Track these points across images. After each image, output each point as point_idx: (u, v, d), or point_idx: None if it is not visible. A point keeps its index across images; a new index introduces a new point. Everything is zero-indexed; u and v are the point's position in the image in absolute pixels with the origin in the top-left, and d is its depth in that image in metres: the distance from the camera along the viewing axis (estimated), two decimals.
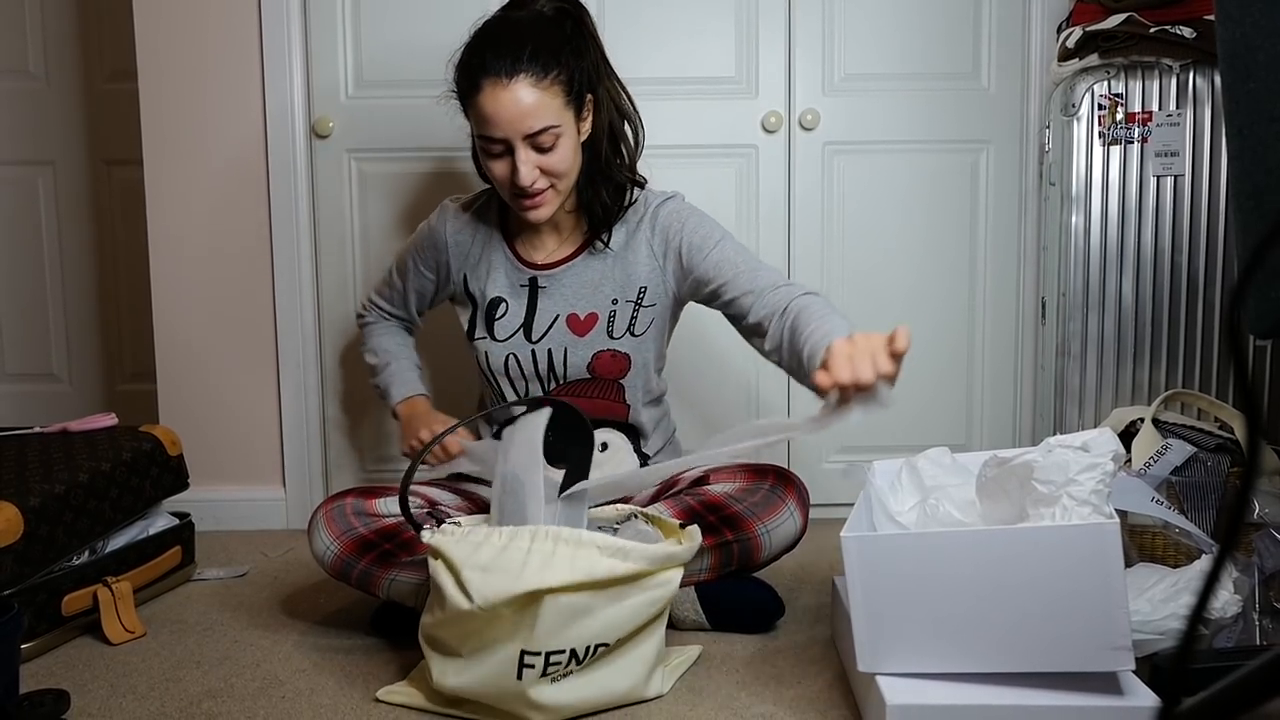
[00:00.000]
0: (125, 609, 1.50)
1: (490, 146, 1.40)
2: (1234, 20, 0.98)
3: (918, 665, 1.12)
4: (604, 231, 1.52)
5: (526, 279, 1.54)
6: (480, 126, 1.40)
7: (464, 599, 1.13)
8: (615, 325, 1.52)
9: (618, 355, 1.53)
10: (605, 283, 1.52)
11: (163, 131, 1.99)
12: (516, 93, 1.36)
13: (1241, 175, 1.00)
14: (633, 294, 1.52)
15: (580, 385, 1.55)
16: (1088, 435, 1.14)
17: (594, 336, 1.53)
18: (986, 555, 1.08)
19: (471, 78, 1.39)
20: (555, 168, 1.41)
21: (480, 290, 1.56)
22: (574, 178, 1.46)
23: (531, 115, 1.37)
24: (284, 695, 1.28)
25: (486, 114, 1.38)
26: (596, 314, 1.52)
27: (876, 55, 1.99)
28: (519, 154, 1.39)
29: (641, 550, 1.16)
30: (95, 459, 1.58)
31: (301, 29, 1.98)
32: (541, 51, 1.37)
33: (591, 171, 1.48)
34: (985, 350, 2.05)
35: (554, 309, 1.53)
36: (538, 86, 1.37)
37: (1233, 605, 1.21)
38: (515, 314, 1.54)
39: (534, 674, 1.15)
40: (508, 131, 1.38)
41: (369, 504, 1.47)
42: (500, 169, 1.41)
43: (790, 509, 1.44)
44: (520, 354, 1.54)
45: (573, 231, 1.55)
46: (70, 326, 2.58)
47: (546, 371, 1.54)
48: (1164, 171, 1.79)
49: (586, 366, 1.53)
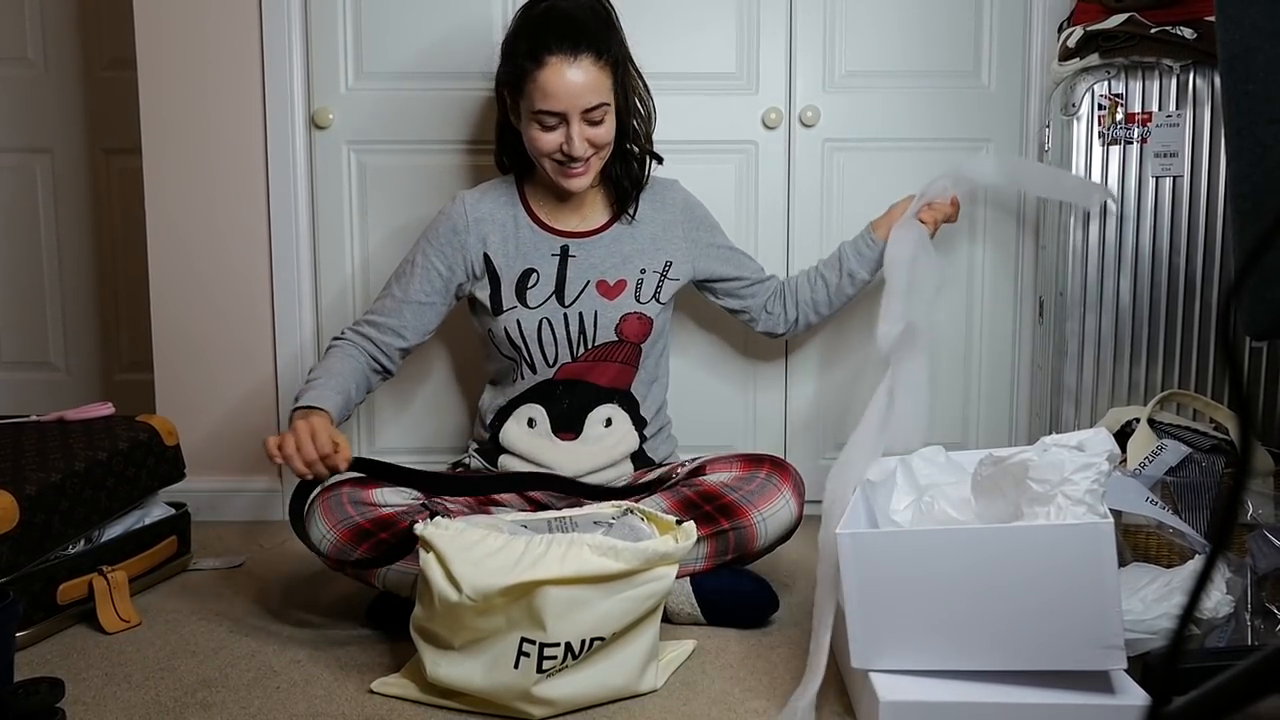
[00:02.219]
0: (121, 598, 1.50)
1: (546, 119, 1.52)
2: (1234, 22, 0.98)
3: (912, 662, 1.12)
4: (630, 203, 1.66)
5: (558, 247, 1.64)
6: (539, 100, 1.50)
7: (453, 590, 1.13)
8: (642, 291, 1.64)
9: (644, 318, 1.63)
10: (636, 254, 1.65)
11: (162, 120, 1.98)
12: (580, 70, 1.50)
13: (1240, 176, 1.00)
14: (659, 265, 1.66)
15: (607, 349, 1.62)
16: (1083, 435, 1.14)
17: (622, 299, 1.63)
18: (981, 553, 1.08)
19: (536, 55, 1.50)
20: (601, 140, 1.55)
21: (507, 264, 1.62)
22: (610, 150, 1.59)
23: (591, 91, 1.51)
24: (279, 686, 1.28)
25: (550, 88, 1.49)
26: (625, 280, 1.64)
27: (877, 52, 1.99)
28: (573, 127, 1.51)
29: (633, 550, 1.17)
30: (92, 448, 1.58)
31: (302, 19, 1.97)
32: (599, 34, 1.53)
33: (618, 146, 1.62)
34: (982, 349, 2.05)
35: (584, 275, 1.63)
36: (595, 65, 1.51)
37: (1225, 605, 1.21)
38: (546, 281, 1.62)
39: (530, 663, 1.15)
40: (567, 106, 1.50)
41: (366, 493, 1.47)
42: (551, 140, 1.53)
43: (786, 497, 1.45)
44: (553, 318, 1.61)
45: (595, 204, 1.67)
46: (68, 315, 2.58)
47: (578, 334, 1.61)
48: (1163, 172, 1.79)
49: (614, 328, 1.61)
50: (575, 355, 1.61)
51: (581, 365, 1.62)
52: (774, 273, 1.84)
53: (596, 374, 1.63)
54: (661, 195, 1.70)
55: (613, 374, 1.63)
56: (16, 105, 2.52)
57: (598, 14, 1.57)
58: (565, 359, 1.61)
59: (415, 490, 1.50)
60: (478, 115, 1.98)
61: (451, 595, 1.13)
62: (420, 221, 2.01)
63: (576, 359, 1.62)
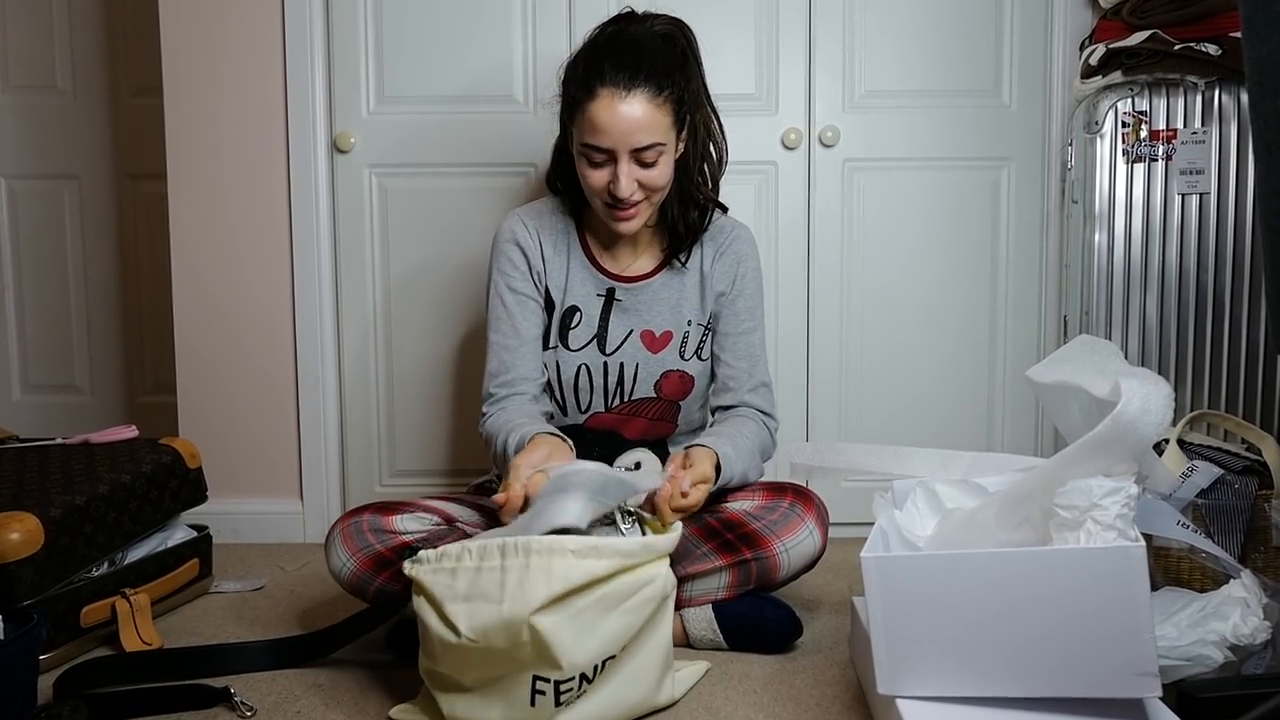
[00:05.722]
0: (143, 621, 1.50)
1: (593, 155, 1.41)
2: (1261, 38, 0.97)
3: (938, 688, 1.10)
4: (684, 251, 1.54)
5: (605, 288, 1.55)
6: (588, 134, 1.41)
7: (450, 633, 1.11)
8: (687, 346, 1.55)
9: (685, 377, 1.54)
10: (684, 303, 1.55)
11: (187, 146, 2.01)
12: (632, 106, 1.38)
13: (1269, 193, 0.99)
14: (706, 318, 1.56)
15: (642, 404, 1.55)
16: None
17: (666, 355, 1.54)
18: (1009, 577, 1.06)
19: (588, 84, 1.39)
20: (653, 183, 1.43)
21: (559, 298, 1.54)
22: (665, 194, 1.48)
23: (643, 130, 1.39)
24: (299, 710, 1.28)
25: (599, 123, 1.38)
26: (671, 332, 1.54)
27: (897, 72, 1.99)
28: (621, 165, 1.40)
29: (614, 545, 1.13)
30: (115, 471, 1.59)
31: (324, 44, 2.00)
32: (659, 69, 1.40)
33: (680, 191, 1.51)
34: (1006, 369, 2.03)
35: (628, 323, 1.54)
36: (652, 103, 1.39)
37: (1262, 631, 1.18)
38: (589, 324, 1.54)
39: (547, 700, 1.13)
40: (616, 142, 1.39)
41: (386, 520, 1.46)
42: (600, 178, 1.43)
43: (809, 527, 1.43)
44: (592, 365, 1.53)
45: (650, 246, 1.57)
46: (93, 338, 2.61)
47: (615, 386, 1.54)
48: (1189, 189, 1.77)
49: (654, 385, 1.53)
50: (609, 406, 1.54)
51: (613, 417, 1.55)
52: (757, 412, 1.56)
53: (628, 428, 1.55)
54: (727, 244, 1.56)
55: (642, 429, 1.55)
56: (45, 132, 2.56)
57: (672, 44, 1.45)
58: (599, 408, 1.55)
59: (437, 517, 1.49)
60: (499, 138, 2.00)
61: (450, 638, 1.11)
62: (441, 244, 2.03)
63: (610, 410, 1.55)
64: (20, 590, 1.35)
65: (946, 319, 2.03)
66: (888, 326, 2.03)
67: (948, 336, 2.03)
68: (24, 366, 2.61)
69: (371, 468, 2.08)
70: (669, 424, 1.58)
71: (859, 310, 2.02)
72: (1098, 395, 1.11)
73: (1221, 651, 1.17)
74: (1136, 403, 1.05)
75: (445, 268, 2.03)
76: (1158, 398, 1.05)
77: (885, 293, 2.02)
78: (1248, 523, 1.42)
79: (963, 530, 1.22)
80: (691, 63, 1.48)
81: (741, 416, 1.54)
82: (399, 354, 2.05)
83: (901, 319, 2.03)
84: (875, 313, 2.02)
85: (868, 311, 2.02)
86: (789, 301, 2.02)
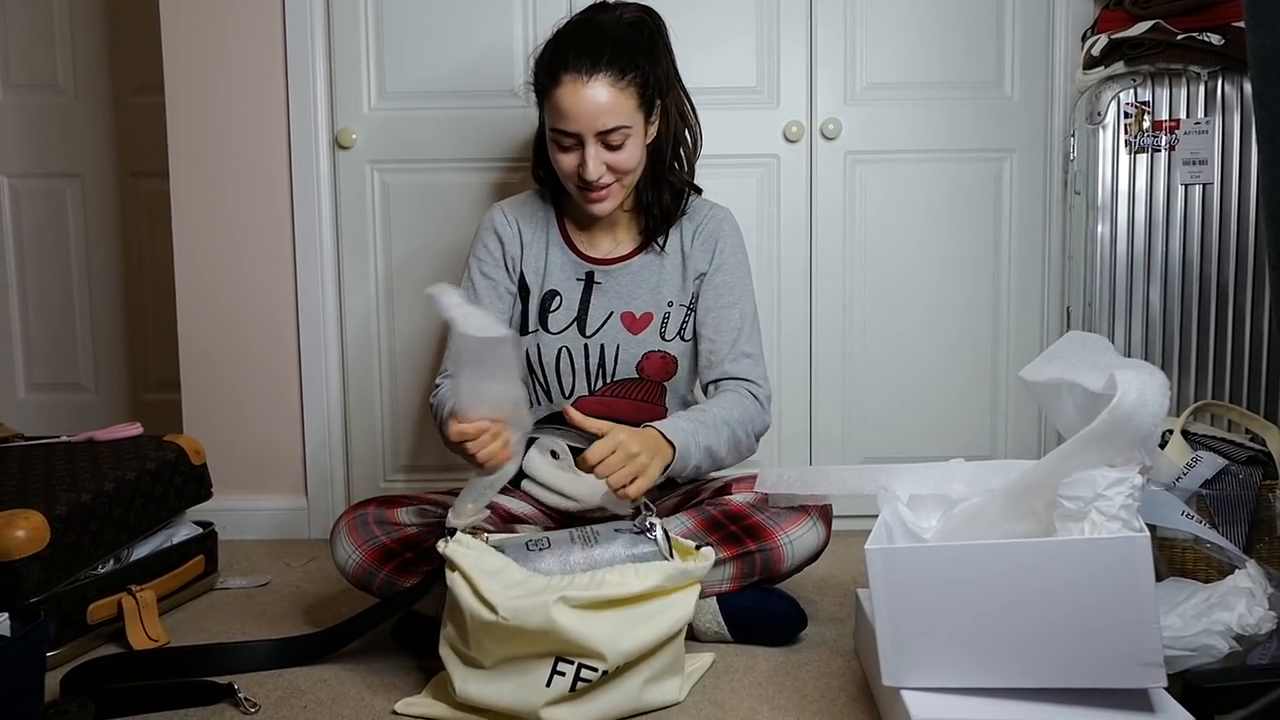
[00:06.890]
0: (149, 617, 1.51)
1: (562, 139, 1.45)
2: (1265, 27, 0.97)
3: (943, 679, 1.10)
4: (660, 234, 1.57)
5: (584, 272, 1.57)
6: (555, 119, 1.45)
7: (486, 610, 1.13)
8: (668, 327, 1.56)
9: (667, 357, 1.55)
10: (664, 285, 1.57)
11: (188, 144, 2.01)
12: (594, 90, 1.41)
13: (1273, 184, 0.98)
14: (688, 298, 1.57)
15: (626, 385, 1.56)
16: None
17: (646, 336, 1.55)
18: (1014, 568, 1.06)
19: (553, 72, 1.44)
20: (622, 165, 1.46)
21: (537, 283, 1.57)
22: (637, 176, 1.51)
23: (606, 113, 1.42)
24: (305, 705, 1.28)
25: (563, 108, 1.42)
26: (651, 314, 1.56)
27: (898, 64, 1.98)
28: (589, 149, 1.44)
29: (651, 568, 1.19)
30: (121, 468, 1.59)
31: (325, 41, 2.00)
32: (621, 54, 1.44)
33: (654, 174, 1.55)
34: (1009, 360, 2.03)
35: (608, 305, 1.56)
36: (614, 87, 1.42)
37: (1268, 622, 1.18)
38: (569, 307, 1.56)
39: (564, 682, 1.15)
40: (581, 126, 1.43)
41: (391, 513, 1.47)
42: (569, 161, 1.46)
43: (813, 519, 1.43)
44: (573, 348, 1.55)
45: (628, 230, 1.59)
46: (97, 336, 2.61)
47: (596, 368, 1.55)
48: (1192, 180, 1.77)
49: (635, 366, 1.55)
50: (592, 389, 1.55)
51: (598, 401, 1.55)
52: (739, 380, 1.54)
53: (613, 410, 1.54)
54: (704, 224, 1.58)
55: (628, 411, 1.55)
56: (47, 131, 2.56)
57: (639, 30, 1.49)
58: (582, 391, 1.56)
59: (441, 510, 1.49)
60: (500, 133, 2.00)
61: (485, 614, 1.13)
62: (443, 239, 2.03)
63: (593, 393, 1.55)
64: (27, 587, 1.36)
65: (949, 311, 2.03)
66: (890, 318, 2.02)
67: (950, 328, 2.03)
68: (28, 365, 2.61)
69: (375, 464, 2.08)
70: (657, 407, 1.58)
71: (861, 302, 2.02)
72: (1093, 389, 1.11)
73: (1226, 641, 1.17)
74: (1133, 394, 1.04)
75: (448, 263, 2.03)
76: (1154, 388, 1.05)
77: (888, 285, 2.02)
78: (1252, 513, 1.41)
79: (967, 523, 1.22)
80: (660, 48, 1.51)
81: (721, 391, 1.54)
82: (402, 350, 2.06)
83: (904, 311, 2.02)
84: (878, 305, 2.02)
85: (870, 304, 2.02)
86: (791, 295, 2.02)
